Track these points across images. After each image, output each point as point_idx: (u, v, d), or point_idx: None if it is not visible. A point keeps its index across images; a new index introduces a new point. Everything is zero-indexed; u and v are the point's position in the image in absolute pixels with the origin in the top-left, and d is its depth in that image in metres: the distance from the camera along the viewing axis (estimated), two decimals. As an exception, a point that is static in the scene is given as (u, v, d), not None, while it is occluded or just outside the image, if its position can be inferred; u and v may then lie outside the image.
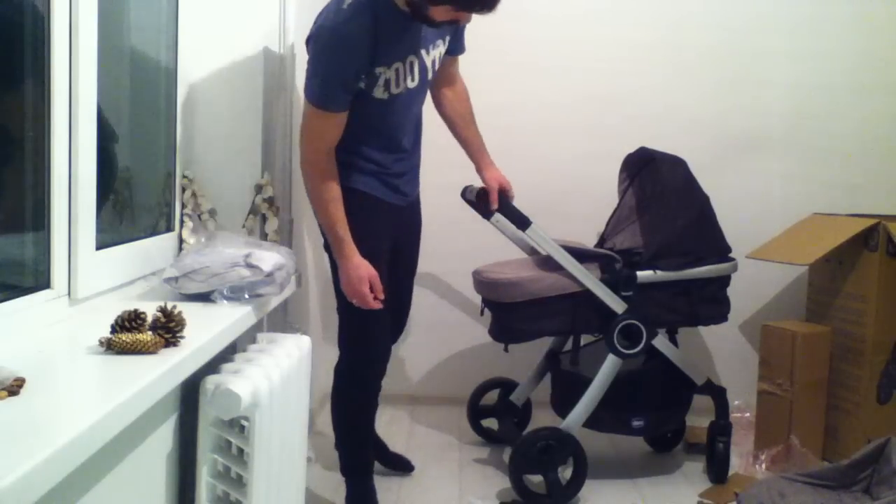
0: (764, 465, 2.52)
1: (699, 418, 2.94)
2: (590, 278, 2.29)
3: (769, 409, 2.68)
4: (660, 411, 2.47)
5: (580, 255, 2.39)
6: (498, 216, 2.31)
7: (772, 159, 3.16)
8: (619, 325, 2.31)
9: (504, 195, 2.27)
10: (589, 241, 2.75)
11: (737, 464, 2.62)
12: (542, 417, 2.74)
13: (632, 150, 2.59)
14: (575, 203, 3.10)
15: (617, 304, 2.31)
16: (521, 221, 2.28)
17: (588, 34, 3.11)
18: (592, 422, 2.43)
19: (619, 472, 2.58)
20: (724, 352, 3.20)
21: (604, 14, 3.11)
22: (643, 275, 2.32)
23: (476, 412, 2.85)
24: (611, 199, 2.73)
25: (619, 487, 2.46)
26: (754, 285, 3.15)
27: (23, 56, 1.30)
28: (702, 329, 3.17)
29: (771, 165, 3.16)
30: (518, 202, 2.71)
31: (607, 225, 2.74)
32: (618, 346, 2.32)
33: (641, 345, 2.32)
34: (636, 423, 2.42)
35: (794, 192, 3.14)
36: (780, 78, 3.13)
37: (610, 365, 2.35)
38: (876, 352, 2.59)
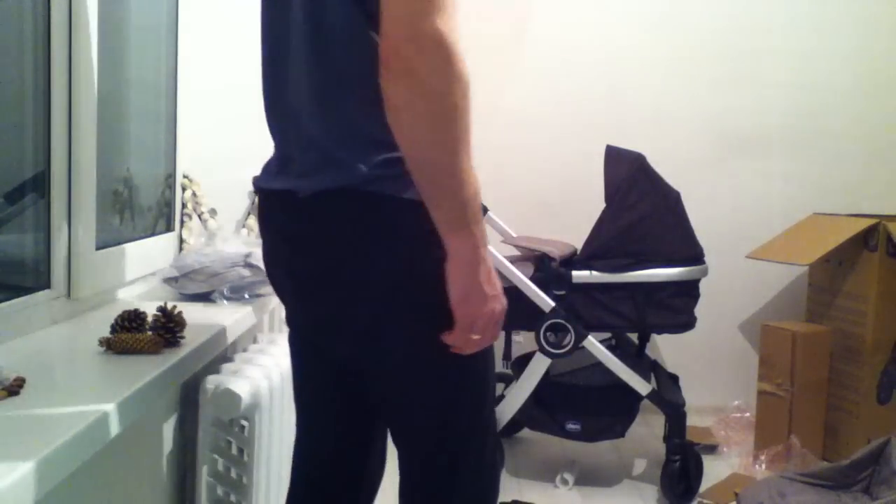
0: (764, 465, 2.52)
1: (701, 418, 2.95)
2: (515, 274, 2.28)
3: (769, 409, 2.68)
4: (597, 417, 2.41)
5: (524, 254, 2.40)
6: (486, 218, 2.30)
7: (772, 159, 3.17)
8: (546, 324, 2.29)
9: None
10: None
11: (737, 464, 2.62)
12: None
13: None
14: (574, 202, 3.10)
15: (544, 303, 2.29)
16: None
17: (588, 34, 3.12)
18: (528, 420, 2.43)
19: (619, 476, 2.58)
20: (724, 352, 3.20)
21: (604, 14, 3.11)
22: (579, 274, 2.28)
23: None
24: (611, 199, 2.74)
25: (618, 488, 2.46)
26: (754, 285, 3.15)
27: (22, 55, 1.30)
28: (701, 329, 3.16)
29: (771, 165, 3.17)
30: (517, 201, 2.72)
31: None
32: (544, 344, 2.30)
33: (570, 346, 2.30)
34: (571, 427, 2.38)
35: (794, 192, 3.14)
36: (780, 78, 3.13)
37: (537, 363, 2.34)
38: (876, 352, 2.59)
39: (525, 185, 3.10)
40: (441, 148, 0.95)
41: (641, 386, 2.34)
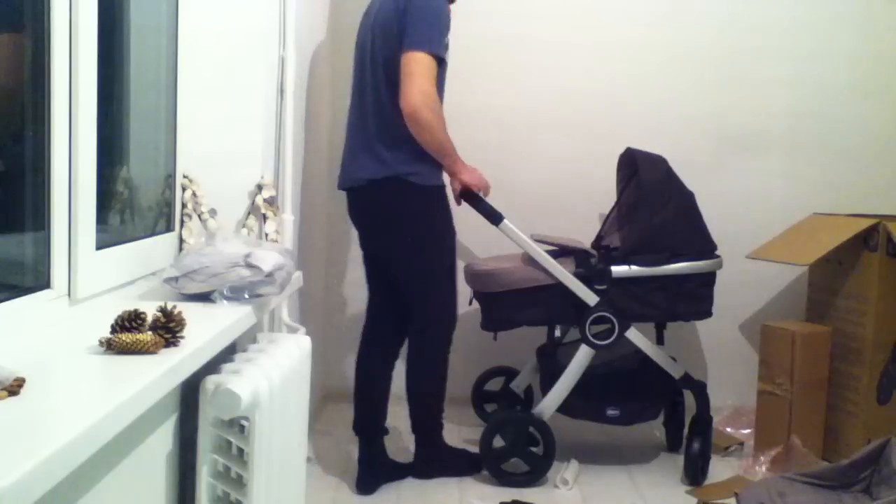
0: (764, 466, 2.52)
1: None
2: (560, 271, 2.39)
3: (769, 409, 2.68)
4: (635, 402, 2.54)
5: (561, 250, 2.50)
6: (506, 223, 2.40)
7: (772, 159, 3.17)
8: (591, 317, 2.40)
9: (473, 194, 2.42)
10: (589, 238, 2.76)
11: (737, 464, 2.62)
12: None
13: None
14: (575, 202, 3.10)
15: (588, 297, 2.40)
16: (493, 216, 2.39)
17: (588, 34, 3.12)
18: (567, 409, 2.51)
19: (618, 474, 2.58)
20: (724, 352, 3.20)
21: (603, 13, 3.11)
22: (618, 269, 2.42)
23: (479, 397, 2.95)
24: (610, 197, 2.74)
25: (618, 488, 2.46)
26: (754, 285, 3.15)
27: (23, 56, 1.30)
28: (701, 329, 3.17)
29: (771, 165, 3.17)
30: (517, 200, 2.69)
31: (604, 223, 2.76)
32: (590, 336, 2.42)
33: (613, 337, 2.41)
34: (611, 413, 2.51)
35: (794, 192, 3.14)
36: (780, 78, 3.13)
37: (583, 355, 2.45)
38: (876, 352, 2.59)
39: (524, 185, 3.10)
40: (437, 142, 2.23)
41: (676, 370, 2.50)
